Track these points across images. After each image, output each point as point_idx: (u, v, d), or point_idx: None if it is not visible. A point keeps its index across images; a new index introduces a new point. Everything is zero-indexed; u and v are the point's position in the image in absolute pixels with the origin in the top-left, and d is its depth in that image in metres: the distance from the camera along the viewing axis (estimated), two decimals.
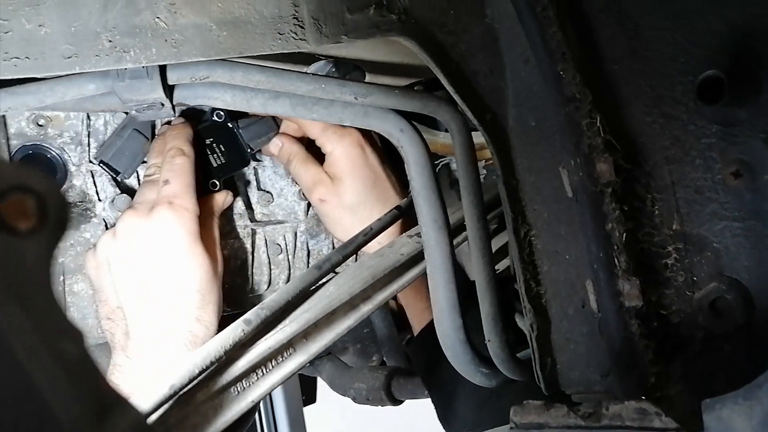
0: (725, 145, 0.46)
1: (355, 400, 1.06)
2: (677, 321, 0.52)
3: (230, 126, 0.78)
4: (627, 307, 0.52)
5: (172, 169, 0.70)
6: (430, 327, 0.86)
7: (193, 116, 0.79)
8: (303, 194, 0.86)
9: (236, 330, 0.52)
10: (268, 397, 1.85)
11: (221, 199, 0.78)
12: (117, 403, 0.16)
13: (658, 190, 0.51)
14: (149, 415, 0.43)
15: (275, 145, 0.82)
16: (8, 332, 0.14)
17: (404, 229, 0.77)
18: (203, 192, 0.76)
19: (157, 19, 0.54)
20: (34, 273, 0.15)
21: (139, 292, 0.68)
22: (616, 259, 0.52)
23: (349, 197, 0.80)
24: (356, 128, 0.80)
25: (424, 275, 0.72)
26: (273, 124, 0.82)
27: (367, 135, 0.82)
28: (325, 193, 0.80)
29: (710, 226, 0.49)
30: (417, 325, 0.93)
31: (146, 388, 0.60)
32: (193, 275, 0.68)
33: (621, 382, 0.54)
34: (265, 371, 0.54)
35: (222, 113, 0.77)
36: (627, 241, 0.51)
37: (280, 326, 0.56)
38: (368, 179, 0.81)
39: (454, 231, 0.65)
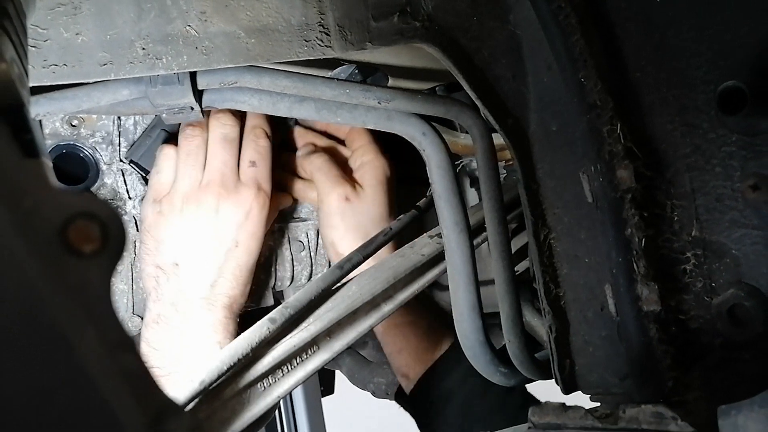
0: (746, 155, 0.46)
1: (374, 394, 1.08)
2: (696, 327, 0.52)
3: None
4: (645, 312, 0.52)
5: (257, 150, 0.74)
6: (424, 379, 0.88)
7: None
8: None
9: (262, 328, 0.54)
10: None
11: (285, 200, 0.83)
12: (173, 408, 0.17)
13: (678, 197, 0.52)
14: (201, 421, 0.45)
15: (300, 135, 0.85)
16: (80, 347, 0.16)
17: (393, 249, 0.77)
18: None
19: (188, 28, 0.55)
20: (97, 291, 0.17)
21: (203, 259, 0.72)
22: (635, 264, 0.53)
23: (375, 208, 0.82)
24: None
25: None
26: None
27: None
28: (353, 193, 0.82)
29: (729, 233, 0.49)
30: (407, 374, 0.92)
31: (190, 344, 0.66)
32: (252, 256, 0.74)
33: (639, 386, 0.55)
34: (290, 368, 0.56)
35: None
36: (646, 246, 0.52)
37: (304, 324, 0.58)
38: (387, 196, 0.84)
39: (473, 232, 0.66)
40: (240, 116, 0.76)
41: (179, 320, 0.71)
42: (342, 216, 0.81)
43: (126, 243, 0.18)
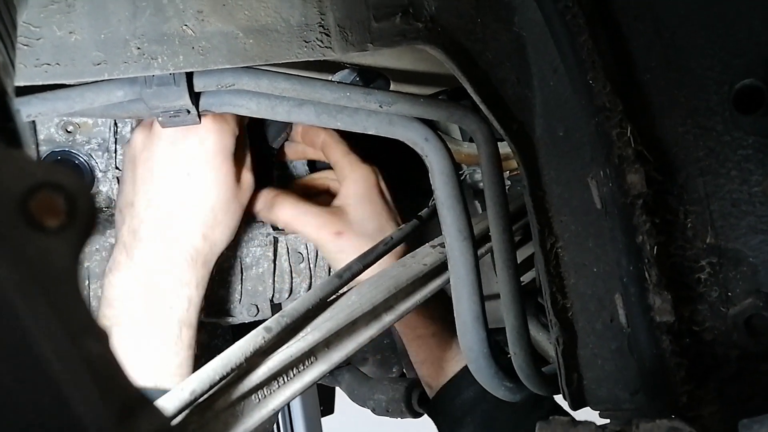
0: (763, 157, 0.44)
1: (374, 411, 1.05)
2: (711, 338, 0.50)
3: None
4: (658, 323, 0.50)
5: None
6: (443, 390, 0.86)
7: None
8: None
9: (257, 337, 0.52)
10: (286, 406, 1.85)
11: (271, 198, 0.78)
12: (141, 404, 0.15)
13: (692, 202, 0.50)
14: (172, 419, 0.43)
15: (261, 196, 0.79)
16: (35, 329, 0.14)
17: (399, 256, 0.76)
18: None
19: (184, 27, 0.54)
20: (60, 270, 0.15)
21: (154, 192, 0.67)
22: (646, 273, 0.50)
23: (369, 223, 0.79)
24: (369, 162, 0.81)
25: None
26: (284, 123, 0.82)
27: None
28: (342, 224, 0.78)
29: (746, 240, 0.47)
30: (430, 384, 0.91)
31: (141, 293, 0.60)
32: (211, 191, 0.67)
33: (651, 400, 0.52)
34: (286, 379, 0.53)
35: None
36: (658, 254, 0.50)
37: (301, 334, 0.56)
38: (382, 207, 0.82)
39: (477, 242, 0.64)
40: None
41: (127, 266, 0.65)
42: (345, 252, 0.77)
43: (95, 219, 0.16)
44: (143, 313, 0.65)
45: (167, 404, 0.43)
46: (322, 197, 0.86)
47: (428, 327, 0.87)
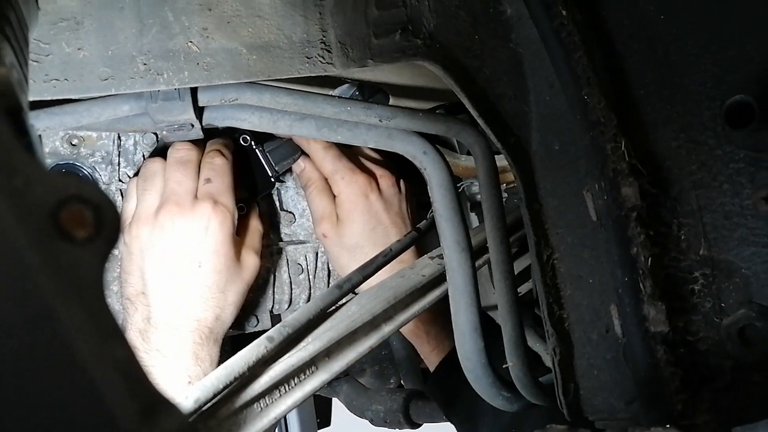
0: (754, 171, 0.46)
1: (372, 422, 1.05)
2: (704, 348, 0.51)
3: (256, 150, 0.80)
4: (652, 333, 0.51)
5: (212, 168, 0.72)
6: (443, 364, 0.88)
7: None
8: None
9: (259, 347, 0.53)
10: (283, 419, 1.84)
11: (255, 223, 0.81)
12: (163, 404, 0.16)
13: (685, 215, 0.51)
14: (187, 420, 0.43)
15: (299, 166, 0.84)
16: (73, 333, 0.15)
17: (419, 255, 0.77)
18: None
19: (190, 44, 0.55)
20: (88, 279, 0.16)
21: (166, 283, 0.70)
22: (641, 284, 0.51)
23: (348, 239, 0.83)
24: (367, 174, 0.83)
25: (427, 313, 0.73)
26: (297, 147, 0.83)
27: (376, 181, 0.85)
28: (329, 229, 0.83)
29: (739, 251, 0.48)
30: (430, 366, 0.93)
31: (158, 374, 0.63)
32: (221, 275, 0.71)
33: (646, 409, 0.53)
34: (287, 388, 0.54)
35: (247, 137, 0.79)
36: (652, 266, 0.51)
37: (302, 344, 0.57)
38: (368, 225, 0.83)
39: (475, 253, 0.65)
40: (200, 145, 0.75)
41: (145, 349, 0.69)
42: (328, 252, 0.86)
43: (120, 231, 0.17)
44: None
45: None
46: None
47: (430, 323, 0.89)
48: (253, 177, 0.81)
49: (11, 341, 0.15)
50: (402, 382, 1.11)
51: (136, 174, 0.76)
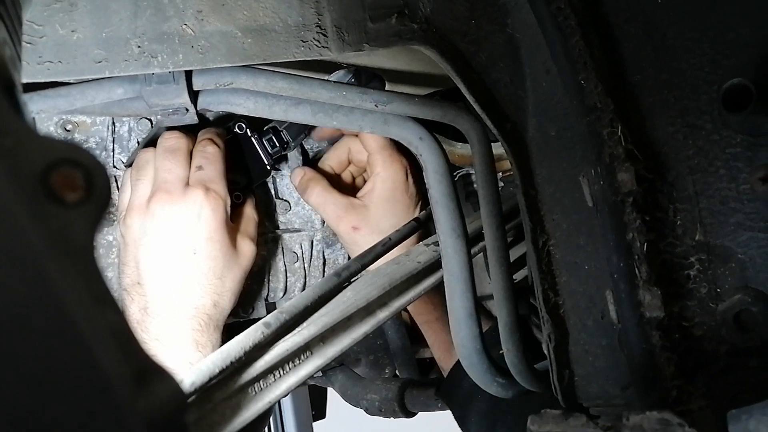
0: (751, 155, 0.45)
1: (367, 411, 1.06)
2: (700, 334, 0.51)
3: (251, 138, 0.79)
4: (648, 318, 0.51)
5: (204, 156, 0.71)
6: (452, 372, 0.88)
7: None
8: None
9: (256, 332, 0.53)
10: (278, 411, 1.85)
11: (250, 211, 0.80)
12: (157, 370, 0.16)
13: (681, 200, 0.51)
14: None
15: (297, 174, 0.83)
16: (67, 295, 0.14)
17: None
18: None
19: (184, 26, 0.55)
20: (79, 242, 0.16)
21: (161, 272, 0.69)
22: (637, 270, 0.51)
23: (385, 222, 0.80)
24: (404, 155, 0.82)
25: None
26: (302, 128, 0.82)
27: (412, 163, 0.84)
28: (359, 220, 0.80)
29: (735, 236, 0.48)
30: (442, 366, 0.95)
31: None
32: (217, 262, 0.70)
33: (641, 395, 0.53)
34: (282, 373, 0.54)
35: (243, 125, 0.78)
36: (648, 251, 0.51)
37: (298, 329, 0.56)
38: (404, 205, 0.82)
39: (471, 240, 0.65)
40: (191, 135, 0.74)
41: (144, 340, 0.68)
42: (359, 245, 0.80)
43: (111, 195, 0.17)
44: None
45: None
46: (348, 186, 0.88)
47: (431, 312, 0.90)
48: (249, 165, 0.80)
49: (2, 302, 0.14)
50: (397, 371, 1.11)
51: (131, 164, 0.76)
